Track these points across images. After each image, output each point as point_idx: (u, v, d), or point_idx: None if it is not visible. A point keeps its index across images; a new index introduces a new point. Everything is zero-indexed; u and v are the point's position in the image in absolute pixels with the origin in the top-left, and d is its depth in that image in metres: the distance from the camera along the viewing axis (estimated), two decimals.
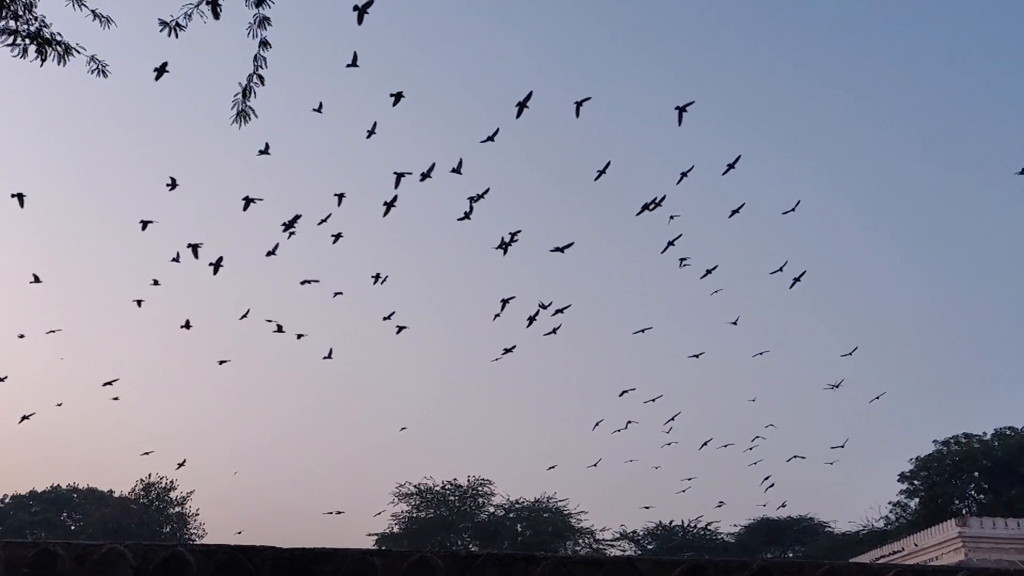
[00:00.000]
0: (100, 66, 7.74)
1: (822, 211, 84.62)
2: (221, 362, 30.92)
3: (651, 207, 21.92)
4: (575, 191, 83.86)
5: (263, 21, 7.39)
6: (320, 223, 22.12)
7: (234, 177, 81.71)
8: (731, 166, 21.25)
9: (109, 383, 28.13)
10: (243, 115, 7.68)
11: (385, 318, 26.26)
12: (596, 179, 21.77)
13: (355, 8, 14.19)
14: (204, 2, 7.13)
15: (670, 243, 23.07)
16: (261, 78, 7.58)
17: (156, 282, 23.93)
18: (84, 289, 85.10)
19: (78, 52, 7.52)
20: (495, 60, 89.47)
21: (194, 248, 21.18)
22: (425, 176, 20.10)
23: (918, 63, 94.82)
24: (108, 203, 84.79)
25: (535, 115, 18.18)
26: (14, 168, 76.69)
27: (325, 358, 27.01)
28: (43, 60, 7.39)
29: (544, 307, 24.17)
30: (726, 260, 72.54)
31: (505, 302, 23.61)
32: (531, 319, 23.99)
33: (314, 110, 20.24)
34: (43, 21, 7.37)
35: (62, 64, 7.44)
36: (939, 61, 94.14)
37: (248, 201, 20.70)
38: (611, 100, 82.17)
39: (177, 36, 7.27)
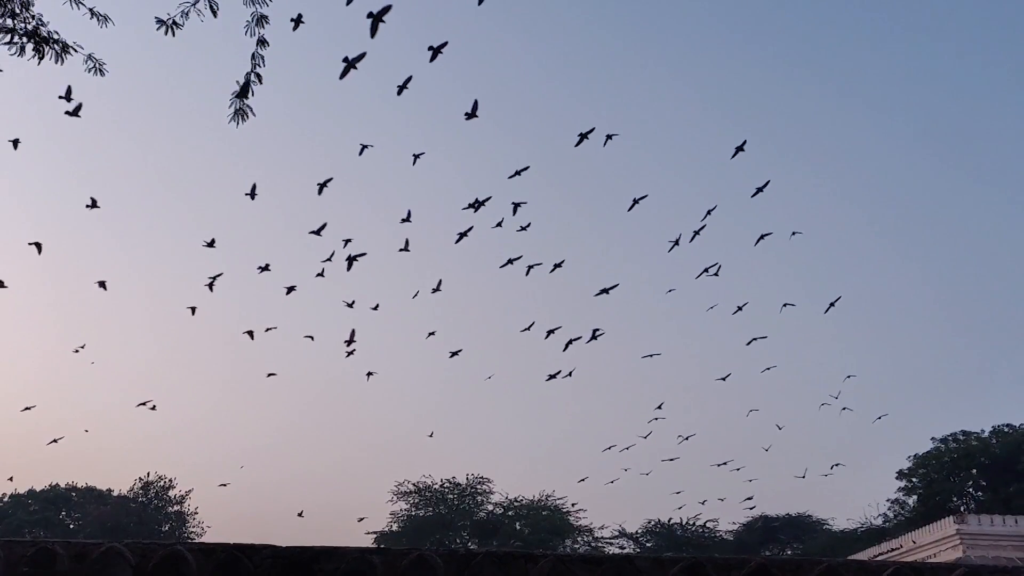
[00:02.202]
0: (97, 64, 7.73)
1: (822, 210, 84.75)
2: (269, 374, 30.97)
3: (679, 243, 22.70)
4: (591, 206, 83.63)
5: (261, 19, 7.38)
6: (346, 244, 22.09)
7: (232, 175, 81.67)
8: (760, 190, 21.69)
9: (143, 403, 28.49)
10: (241, 113, 7.67)
11: (429, 334, 26.60)
12: (630, 208, 22.39)
13: (369, 15, 13.21)
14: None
15: (705, 270, 23.88)
16: (259, 76, 7.58)
17: (211, 286, 23.65)
18: (82, 288, 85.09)
19: (75, 51, 7.51)
20: (507, 77, 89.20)
21: (264, 268, 21.68)
22: (480, 205, 20.49)
23: (918, 63, 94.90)
24: (105, 202, 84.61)
25: (560, 140, 18.43)
26: (12, 166, 76.58)
27: (368, 375, 26.93)
28: (40, 58, 7.37)
29: (596, 333, 24.56)
30: (727, 260, 72.58)
31: (551, 332, 24.27)
32: (569, 343, 24.54)
33: (363, 146, 20.33)
34: (40, 19, 7.36)
35: (59, 63, 7.43)
36: (940, 61, 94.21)
37: (317, 232, 21.12)
38: (621, 110, 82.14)
39: (174, 34, 7.26)
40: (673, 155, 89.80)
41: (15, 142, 18.60)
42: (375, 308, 25.88)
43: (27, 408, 29.34)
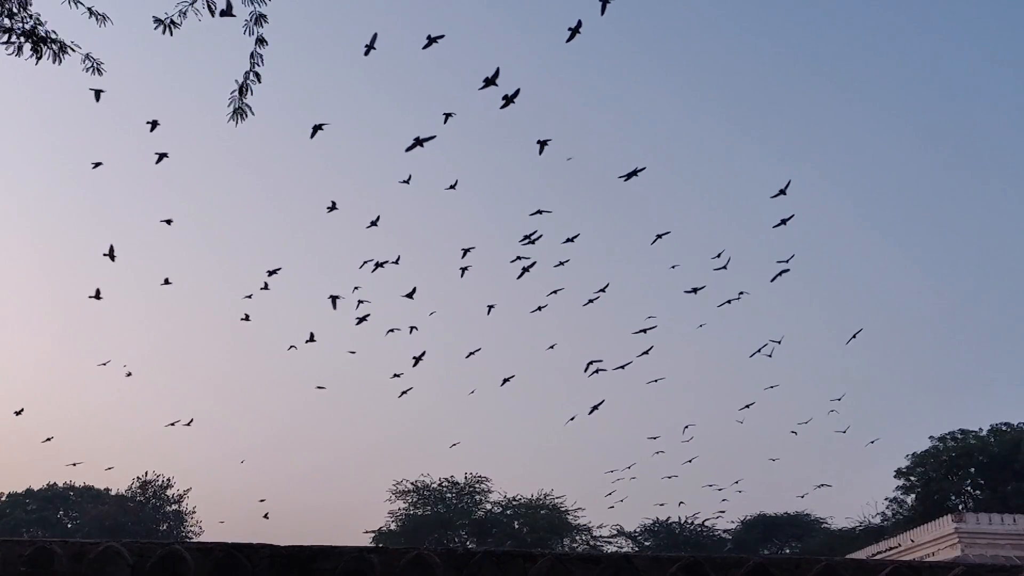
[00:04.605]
0: (95, 64, 7.72)
1: (823, 209, 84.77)
2: (318, 387, 31.18)
3: (696, 291, 23.72)
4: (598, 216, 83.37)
5: (259, 18, 7.37)
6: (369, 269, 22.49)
7: (231, 174, 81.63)
8: (784, 222, 22.41)
9: (173, 423, 28.80)
10: (240, 112, 7.66)
11: (470, 354, 27.19)
12: (653, 243, 23.07)
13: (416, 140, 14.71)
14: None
15: (728, 301, 24.89)
16: (258, 75, 7.56)
17: (266, 285, 23.73)
18: (82, 286, 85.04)
19: (73, 50, 7.49)
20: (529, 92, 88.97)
21: (335, 298, 22.18)
22: (530, 239, 21.10)
23: (919, 62, 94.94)
24: (105, 201, 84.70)
25: (584, 168, 18.69)
26: (10, 166, 76.50)
27: (402, 394, 27.20)
28: (38, 58, 7.36)
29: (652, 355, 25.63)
30: (725, 248, 72.29)
31: (590, 364, 25.27)
32: (596, 371, 25.24)
33: (402, 182, 20.70)
34: (38, 19, 7.34)
35: (57, 63, 7.41)
36: (940, 60, 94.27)
37: (377, 264, 21.59)
38: (617, 105, 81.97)
39: (172, 34, 7.25)
40: (670, 152, 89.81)
41: (97, 164, 18.64)
42: (413, 329, 25.69)
43: (48, 439, 30.22)
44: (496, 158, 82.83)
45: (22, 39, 7.31)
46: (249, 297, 24.02)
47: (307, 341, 24.50)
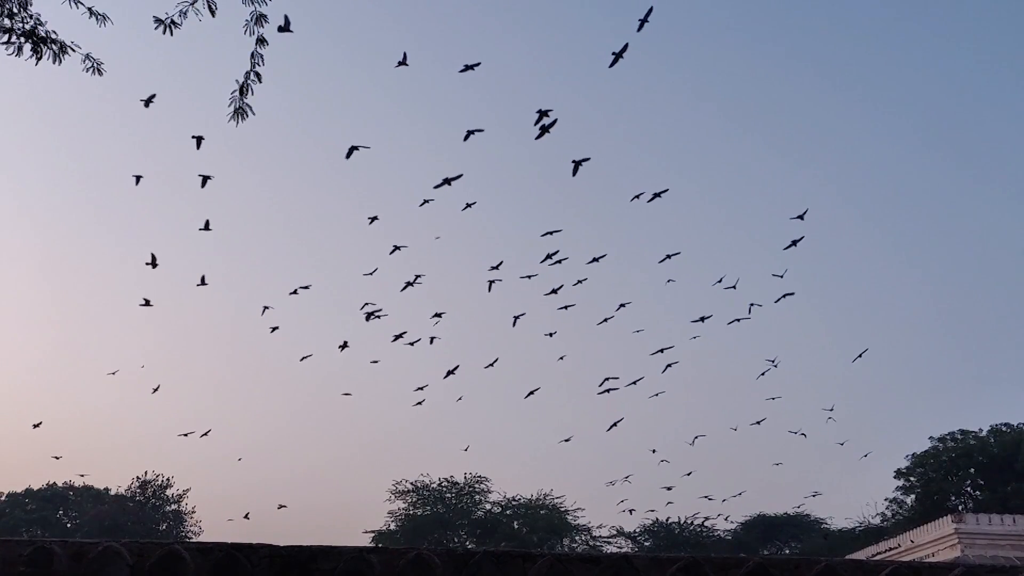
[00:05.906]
0: (95, 64, 7.72)
1: (823, 210, 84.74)
2: (345, 394, 31.64)
3: (703, 320, 24.36)
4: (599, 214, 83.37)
5: (260, 18, 7.37)
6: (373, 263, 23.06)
7: (231, 173, 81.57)
8: (794, 243, 22.89)
9: (185, 434, 29.11)
10: (240, 112, 7.67)
11: (488, 365, 27.56)
12: (661, 261, 23.59)
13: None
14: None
15: (736, 319, 25.45)
16: (258, 75, 7.57)
17: (295, 291, 23.99)
18: (82, 286, 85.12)
19: (73, 51, 7.49)
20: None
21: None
22: (555, 261, 21.51)
23: (918, 62, 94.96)
24: (103, 201, 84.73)
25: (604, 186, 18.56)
26: (11, 167, 76.52)
27: (416, 404, 27.27)
28: (38, 59, 7.36)
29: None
30: (729, 261, 72.50)
31: (607, 383, 25.60)
32: (607, 390, 25.70)
33: (426, 202, 21.01)
34: (38, 19, 7.34)
35: (57, 63, 7.41)
36: (940, 60, 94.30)
37: (408, 284, 21.94)
38: (611, 100, 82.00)
39: (172, 34, 7.25)
40: (670, 155, 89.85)
41: (198, 141, 18.64)
42: (432, 341, 25.83)
43: (56, 458, 30.61)
44: (498, 161, 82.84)
45: (22, 39, 7.31)
46: (265, 310, 24.41)
47: (340, 347, 24.79)
